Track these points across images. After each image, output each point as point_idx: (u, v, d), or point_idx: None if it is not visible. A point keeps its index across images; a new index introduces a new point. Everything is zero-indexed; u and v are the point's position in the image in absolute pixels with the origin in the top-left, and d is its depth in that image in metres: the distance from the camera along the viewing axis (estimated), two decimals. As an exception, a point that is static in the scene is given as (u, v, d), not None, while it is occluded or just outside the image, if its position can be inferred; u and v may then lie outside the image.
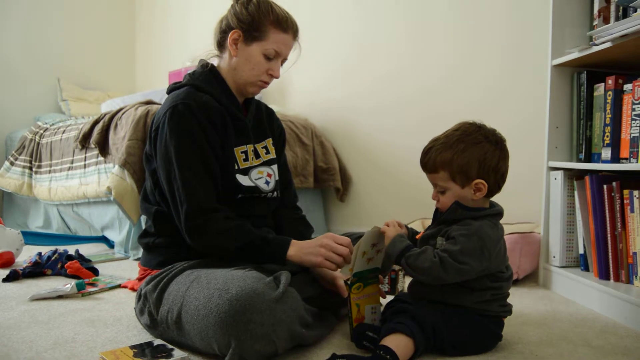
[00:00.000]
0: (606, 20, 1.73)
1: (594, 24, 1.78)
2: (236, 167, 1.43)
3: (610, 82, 1.71)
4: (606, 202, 1.69)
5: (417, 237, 1.36)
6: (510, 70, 2.40)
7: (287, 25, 1.44)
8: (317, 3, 3.24)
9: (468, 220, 1.23)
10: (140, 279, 1.51)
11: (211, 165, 1.37)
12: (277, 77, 1.48)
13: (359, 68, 3.03)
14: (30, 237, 2.80)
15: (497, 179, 1.26)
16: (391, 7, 2.87)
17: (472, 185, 1.24)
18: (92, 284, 1.92)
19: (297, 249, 1.34)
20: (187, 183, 1.32)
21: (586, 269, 1.82)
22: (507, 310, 1.29)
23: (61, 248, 2.24)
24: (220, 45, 1.49)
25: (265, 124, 1.59)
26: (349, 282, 1.30)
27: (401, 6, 2.82)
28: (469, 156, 1.23)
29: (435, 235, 1.27)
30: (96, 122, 2.71)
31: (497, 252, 1.23)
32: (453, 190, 1.25)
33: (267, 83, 1.49)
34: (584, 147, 1.85)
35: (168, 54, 4.43)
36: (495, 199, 1.34)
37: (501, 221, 1.31)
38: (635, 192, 1.58)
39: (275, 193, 1.54)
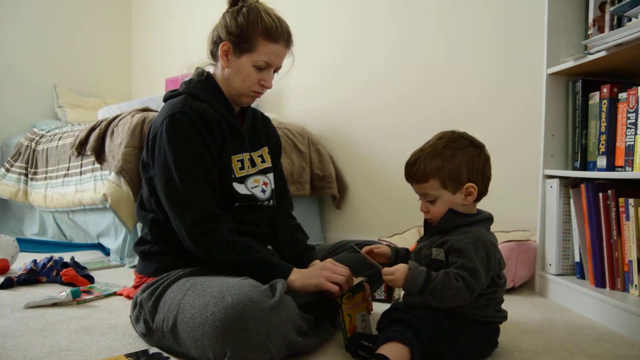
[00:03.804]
0: (601, 30, 1.74)
1: (589, 33, 1.79)
2: (233, 176, 1.43)
3: (605, 90, 1.72)
4: (602, 210, 1.69)
5: (411, 249, 1.35)
6: (506, 79, 2.40)
7: (277, 36, 1.41)
8: (313, 10, 3.26)
9: (464, 228, 1.24)
10: (136, 287, 1.50)
11: (210, 172, 1.37)
12: (269, 88, 1.47)
13: (361, 82, 3.03)
14: (26, 244, 2.79)
15: (484, 181, 1.28)
16: (392, 10, 2.88)
17: (463, 190, 1.25)
18: (88, 292, 1.91)
19: (298, 275, 1.33)
20: (188, 190, 1.32)
21: (582, 276, 1.82)
22: (503, 316, 1.29)
23: (56, 255, 2.23)
24: (213, 55, 1.49)
25: (261, 133, 1.59)
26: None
27: (404, 10, 2.83)
28: (458, 161, 1.24)
29: (430, 246, 1.26)
30: (92, 129, 2.71)
31: (499, 257, 1.24)
32: (444, 197, 1.26)
33: (260, 93, 1.48)
34: (579, 155, 1.86)
35: (164, 61, 4.43)
36: (492, 207, 1.34)
37: (497, 229, 1.32)
38: (631, 200, 1.59)
39: (271, 201, 1.54)
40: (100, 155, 2.59)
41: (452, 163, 1.24)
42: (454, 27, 2.60)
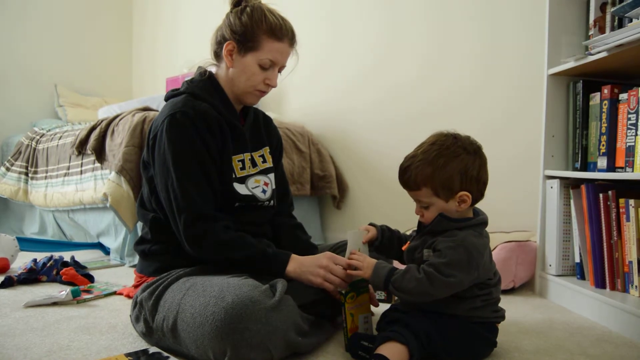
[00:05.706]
0: (602, 30, 1.74)
1: (590, 33, 1.79)
2: (233, 176, 1.43)
3: (606, 91, 1.72)
4: (602, 211, 1.69)
5: (403, 248, 1.35)
6: (507, 80, 2.40)
7: (281, 34, 1.42)
8: (322, 16, 3.25)
9: (453, 231, 1.22)
10: (136, 286, 1.51)
11: (209, 173, 1.37)
12: (274, 86, 1.47)
13: (360, 81, 3.03)
14: (26, 243, 2.78)
15: (479, 187, 1.25)
16: (396, 23, 2.87)
17: (457, 197, 1.23)
18: (88, 291, 1.91)
19: (296, 266, 1.33)
20: (185, 191, 1.32)
21: (582, 277, 1.82)
22: (500, 315, 1.29)
23: (56, 254, 2.24)
24: (217, 55, 1.49)
25: (262, 133, 1.59)
26: (343, 292, 1.29)
27: (407, 23, 2.82)
28: (450, 170, 1.21)
29: (421, 246, 1.26)
30: (93, 128, 2.71)
31: (484, 262, 1.22)
32: (437, 205, 1.24)
33: (264, 92, 1.48)
34: (580, 156, 1.86)
35: (165, 61, 4.44)
36: (493, 207, 1.34)
37: (497, 229, 1.31)
38: (631, 201, 1.59)
39: (271, 202, 1.54)
40: (100, 154, 2.60)
41: (444, 172, 1.21)
42: (459, 42, 2.60)
